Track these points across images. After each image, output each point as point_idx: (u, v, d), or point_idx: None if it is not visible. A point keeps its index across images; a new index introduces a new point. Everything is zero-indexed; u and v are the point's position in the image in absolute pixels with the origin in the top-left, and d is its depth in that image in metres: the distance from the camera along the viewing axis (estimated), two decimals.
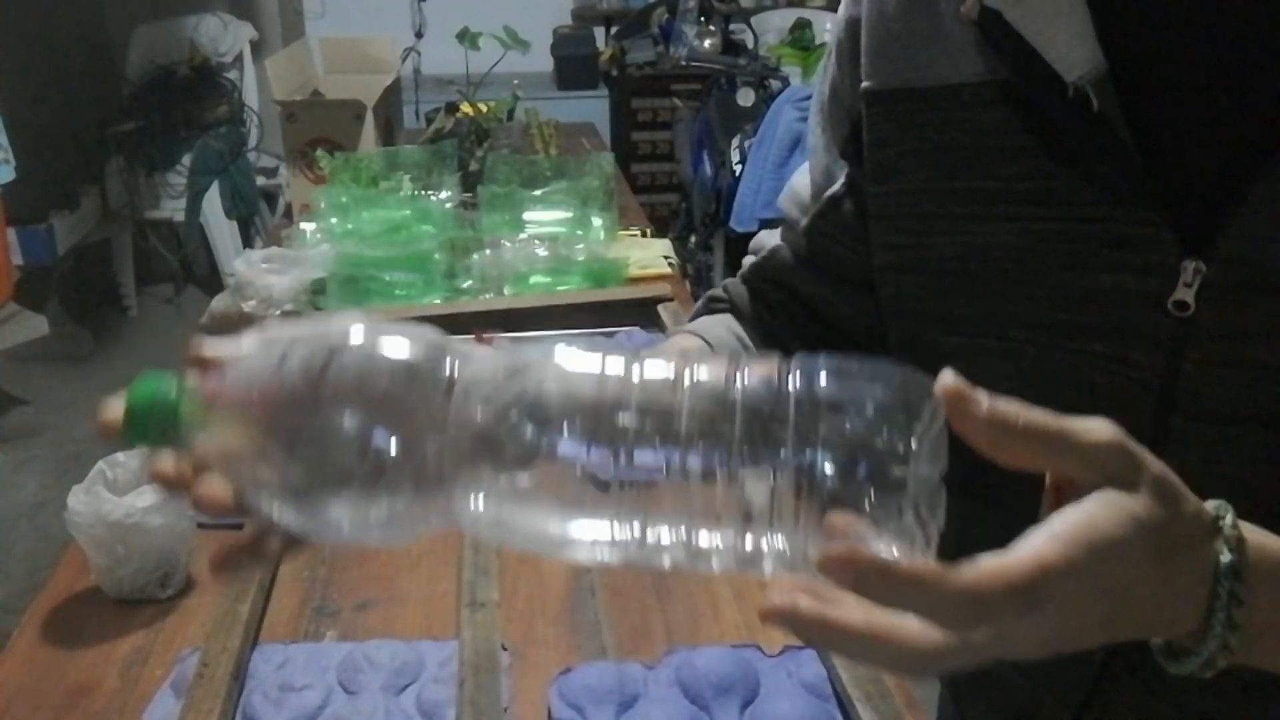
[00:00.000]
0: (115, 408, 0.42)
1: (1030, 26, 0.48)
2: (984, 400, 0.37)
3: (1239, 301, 0.46)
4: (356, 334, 0.40)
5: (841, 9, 0.60)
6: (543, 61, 4.63)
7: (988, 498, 0.47)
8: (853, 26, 0.58)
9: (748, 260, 0.70)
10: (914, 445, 0.35)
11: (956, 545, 0.38)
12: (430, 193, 1.83)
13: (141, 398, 0.42)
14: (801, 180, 0.66)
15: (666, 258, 1.84)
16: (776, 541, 0.36)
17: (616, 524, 0.37)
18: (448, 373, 0.39)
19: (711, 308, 0.71)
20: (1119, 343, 0.49)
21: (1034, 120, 0.50)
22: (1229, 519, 0.39)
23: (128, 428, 0.42)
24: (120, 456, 0.97)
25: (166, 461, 0.42)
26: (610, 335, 1.51)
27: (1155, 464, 0.38)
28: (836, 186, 0.62)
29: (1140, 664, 0.53)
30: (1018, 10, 0.48)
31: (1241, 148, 0.45)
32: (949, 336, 0.56)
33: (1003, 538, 0.36)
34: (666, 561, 0.38)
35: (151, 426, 0.42)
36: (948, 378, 0.37)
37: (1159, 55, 0.47)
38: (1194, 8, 0.46)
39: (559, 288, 1.66)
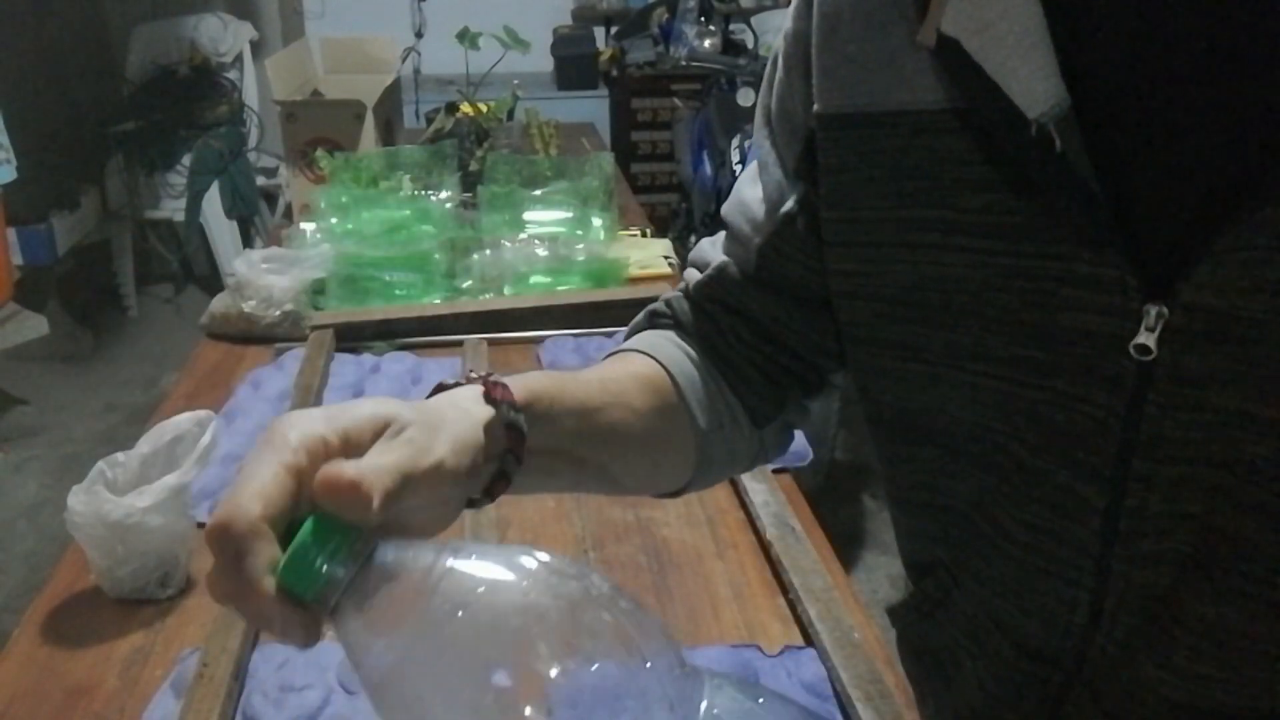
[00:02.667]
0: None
1: (991, 58, 0.45)
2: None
3: (1201, 348, 0.45)
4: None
5: (788, 20, 0.58)
6: (543, 61, 4.64)
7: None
8: (802, 41, 0.56)
9: (690, 274, 0.67)
10: None
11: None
12: (430, 193, 1.83)
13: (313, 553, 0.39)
14: (752, 193, 0.63)
15: (666, 258, 1.84)
16: None
17: None
18: None
19: (655, 323, 0.68)
20: (1080, 382, 0.48)
21: (995, 151, 0.48)
22: None
23: (288, 570, 0.39)
24: (120, 456, 0.97)
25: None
26: (610, 335, 1.51)
27: None
28: (789, 204, 0.60)
29: (1101, 693, 0.53)
30: (977, 40, 0.46)
31: (1208, 192, 0.44)
32: (906, 363, 0.55)
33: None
34: None
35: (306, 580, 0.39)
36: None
37: (1125, 92, 0.46)
38: (1162, 44, 0.44)
39: (559, 288, 1.66)
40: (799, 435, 1.24)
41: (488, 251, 1.68)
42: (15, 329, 3.49)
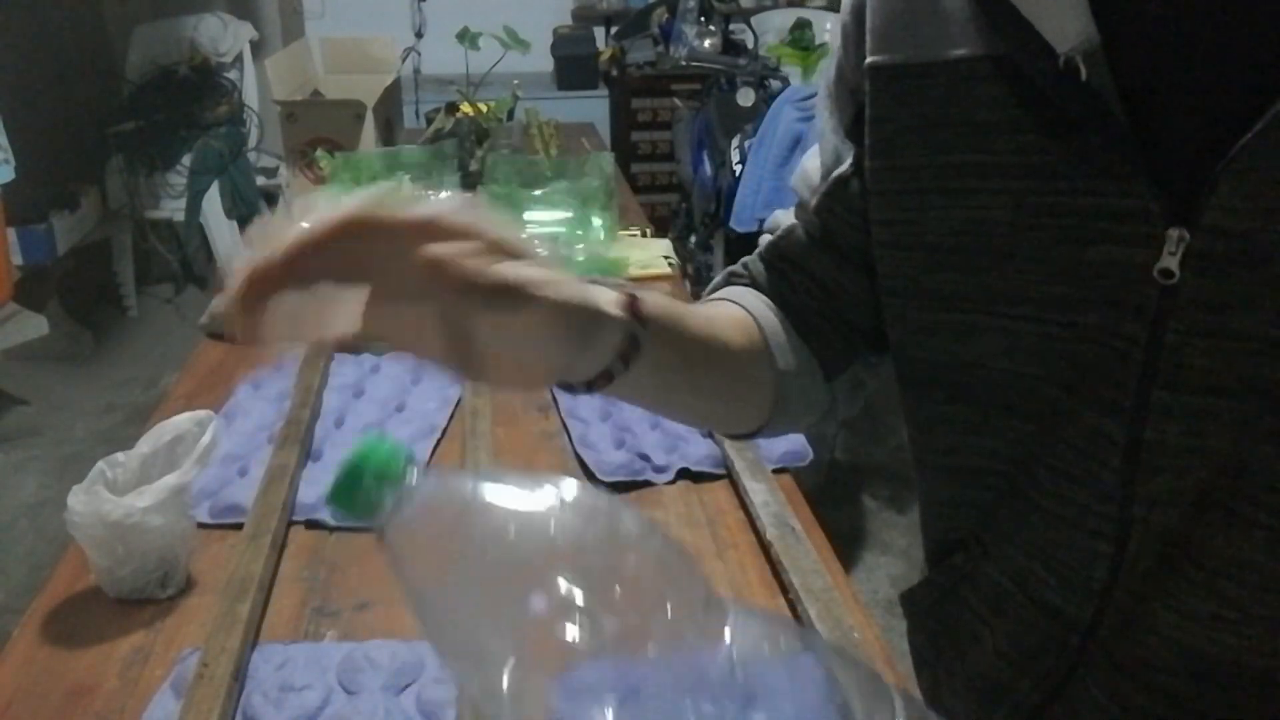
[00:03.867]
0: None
1: (1025, 1, 0.48)
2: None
3: (1222, 271, 0.46)
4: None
5: None
6: (543, 61, 4.64)
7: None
8: (858, 10, 0.59)
9: (764, 239, 0.71)
10: None
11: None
12: (430, 193, 1.83)
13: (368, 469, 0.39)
14: (812, 162, 0.67)
15: (666, 258, 1.84)
16: None
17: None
18: None
19: (732, 281, 0.71)
20: (1108, 315, 0.50)
21: (1027, 94, 0.50)
22: None
23: (341, 491, 0.39)
24: (120, 456, 0.97)
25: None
26: None
27: None
28: (844, 167, 0.63)
29: (1116, 649, 0.54)
30: None
31: (1229, 119, 0.45)
32: (943, 314, 0.57)
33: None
34: None
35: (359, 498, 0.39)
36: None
37: (1152, 26, 0.47)
38: None
39: None
40: (799, 435, 1.24)
41: None
42: (15, 329, 3.48)
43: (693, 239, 3.39)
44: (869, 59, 0.58)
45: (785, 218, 0.70)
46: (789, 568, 0.95)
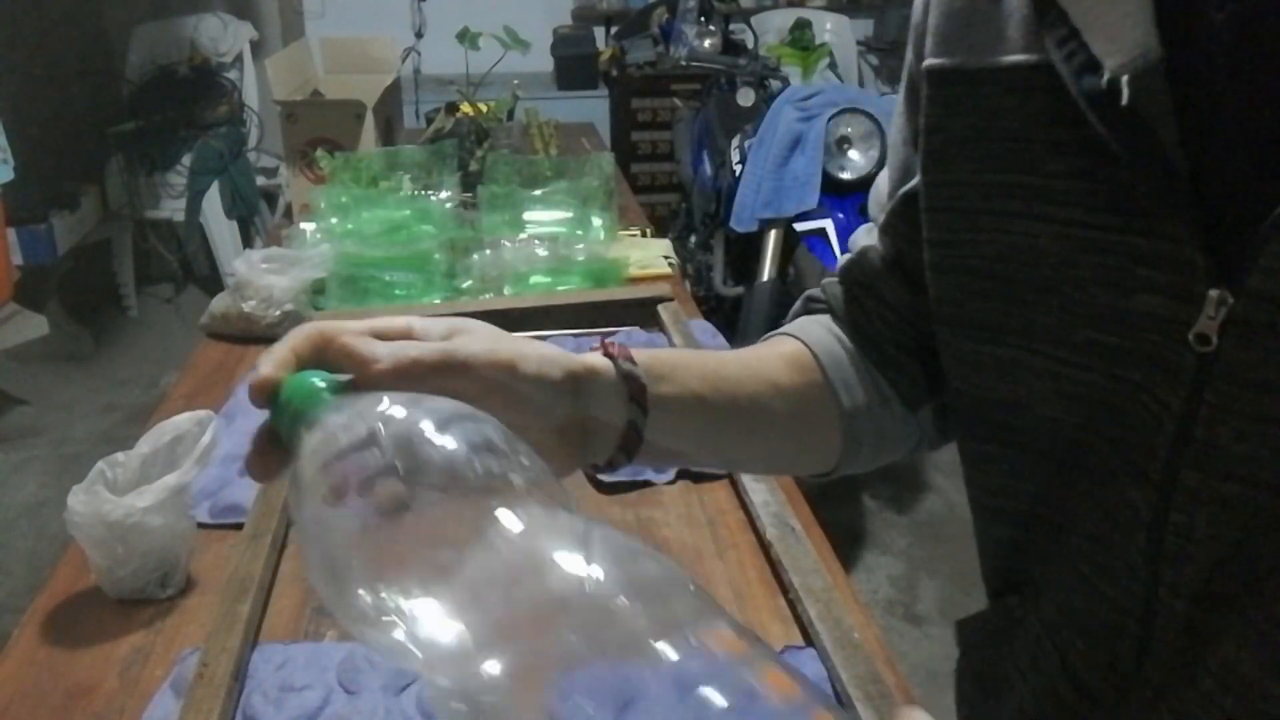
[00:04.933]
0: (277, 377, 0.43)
1: (1078, 4, 0.43)
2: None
3: (1264, 344, 0.39)
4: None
5: None
6: (543, 61, 4.64)
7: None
8: (925, 8, 0.55)
9: (843, 258, 0.68)
10: None
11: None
12: (430, 193, 1.83)
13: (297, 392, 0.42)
14: (884, 177, 0.63)
15: (666, 258, 1.84)
16: None
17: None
18: None
19: (810, 308, 0.68)
20: (1148, 374, 0.44)
21: (1078, 112, 0.43)
22: None
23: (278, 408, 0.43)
24: (120, 456, 0.97)
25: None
26: (610, 335, 1.51)
27: None
28: (913, 182, 0.58)
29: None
30: None
31: None
32: (988, 346, 0.53)
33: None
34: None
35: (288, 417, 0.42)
36: None
37: (1222, 44, 0.40)
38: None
39: (559, 288, 1.66)
40: None
41: (488, 251, 1.68)
42: (15, 329, 3.49)
43: (693, 239, 3.39)
44: (926, 61, 0.53)
45: (864, 237, 0.66)
46: (789, 568, 0.95)
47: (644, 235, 1.99)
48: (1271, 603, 0.41)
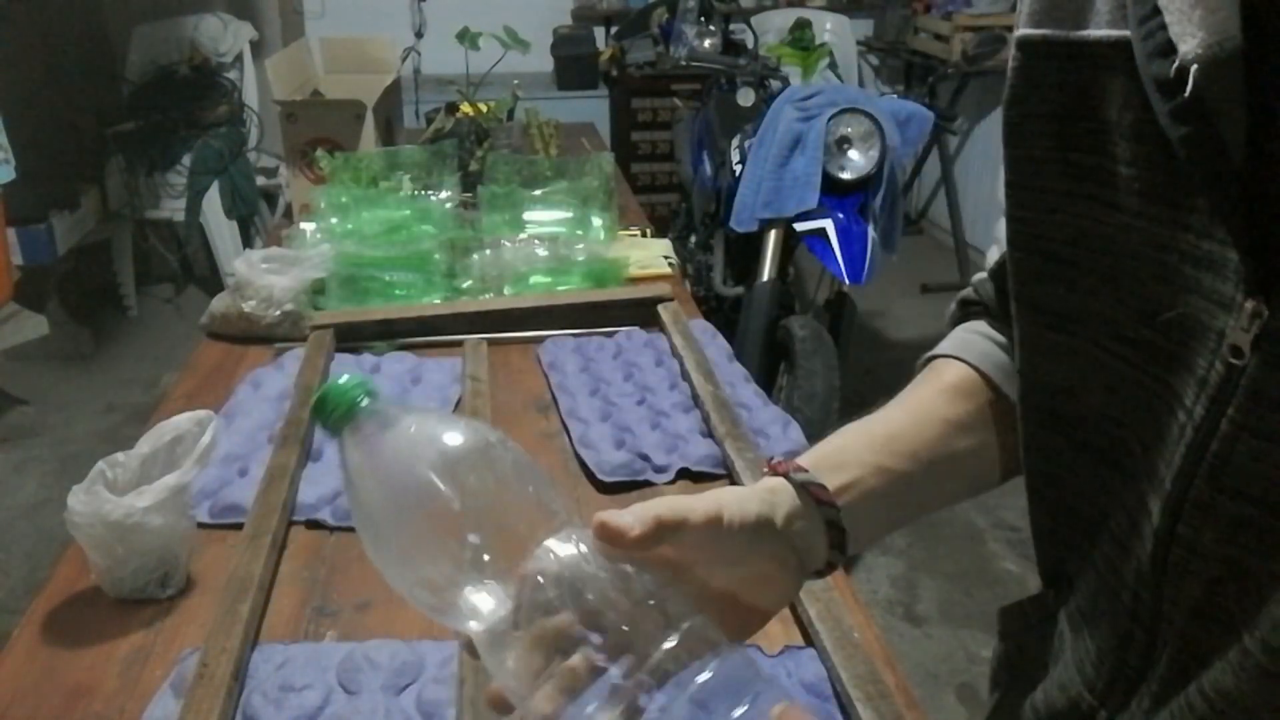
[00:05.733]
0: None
1: None
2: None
3: None
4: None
5: None
6: (543, 61, 4.64)
7: None
8: None
9: (992, 253, 0.67)
10: None
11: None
12: (430, 193, 1.83)
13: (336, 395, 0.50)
14: None
15: (666, 258, 1.84)
16: None
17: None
18: None
19: (967, 311, 0.68)
20: (1182, 378, 0.43)
21: (1147, 95, 0.41)
22: None
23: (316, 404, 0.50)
24: (120, 456, 0.97)
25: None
26: (610, 335, 1.51)
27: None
28: None
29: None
30: None
31: None
32: (1052, 333, 0.52)
33: None
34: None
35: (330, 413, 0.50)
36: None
37: None
38: None
39: (559, 288, 1.66)
40: (800, 434, 1.24)
41: (488, 251, 1.68)
42: (15, 329, 3.49)
43: (693, 239, 3.39)
44: (1017, 31, 0.51)
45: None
46: None
47: (644, 235, 1.99)
48: (1266, 628, 0.41)
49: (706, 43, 3.61)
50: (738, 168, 2.80)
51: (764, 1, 4.99)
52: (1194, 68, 0.38)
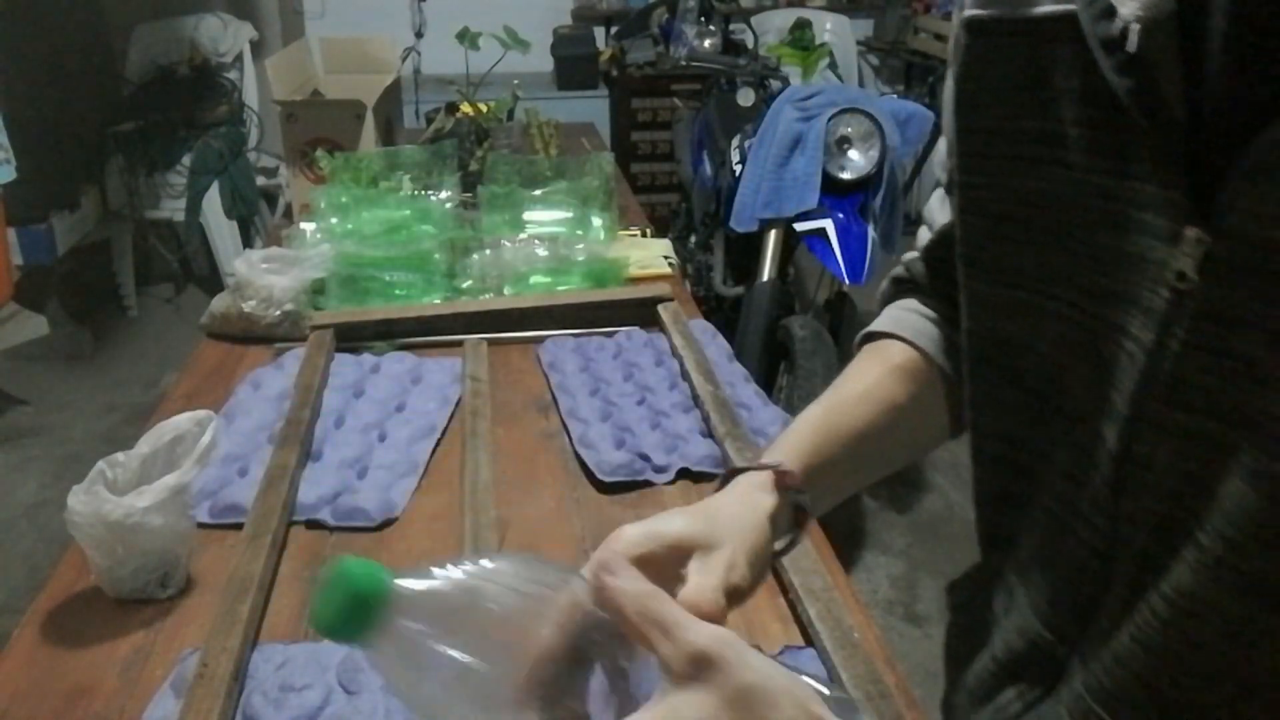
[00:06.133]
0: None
1: None
2: (613, 580, 0.45)
3: (1237, 282, 0.41)
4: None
5: None
6: (543, 61, 4.64)
7: None
8: None
9: (922, 234, 0.71)
10: None
11: None
12: (430, 193, 1.83)
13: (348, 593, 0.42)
14: (944, 143, 0.65)
15: (666, 258, 1.84)
16: None
17: None
18: None
19: (899, 289, 0.73)
20: (1128, 313, 0.47)
21: (1092, 60, 0.46)
22: None
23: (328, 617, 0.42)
24: (120, 456, 0.97)
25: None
26: (610, 335, 1.51)
27: (745, 674, 0.41)
28: None
29: (1088, 674, 0.52)
30: None
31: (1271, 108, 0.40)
32: (1001, 288, 0.56)
33: None
34: None
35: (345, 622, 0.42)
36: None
37: (1229, 4, 0.42)
38: None
39: (559, 288, 1.66)
40: None
41: (488, 251, 1.68)
42: (15, 329, 3.49)
43: (693, 239, 3.39)
44: (964, 12, 0.56)
45: (938, 206, 0.68)
46: (789, 568, 0.95)
47: (644, 235, 1.99)
48: (1224, 526, 0.43)
49: (706, 43, 3.61)
50: (738, 168, 2.80)
51: (764, 1, 4.99)
52: (1136, 27, 0.43)
